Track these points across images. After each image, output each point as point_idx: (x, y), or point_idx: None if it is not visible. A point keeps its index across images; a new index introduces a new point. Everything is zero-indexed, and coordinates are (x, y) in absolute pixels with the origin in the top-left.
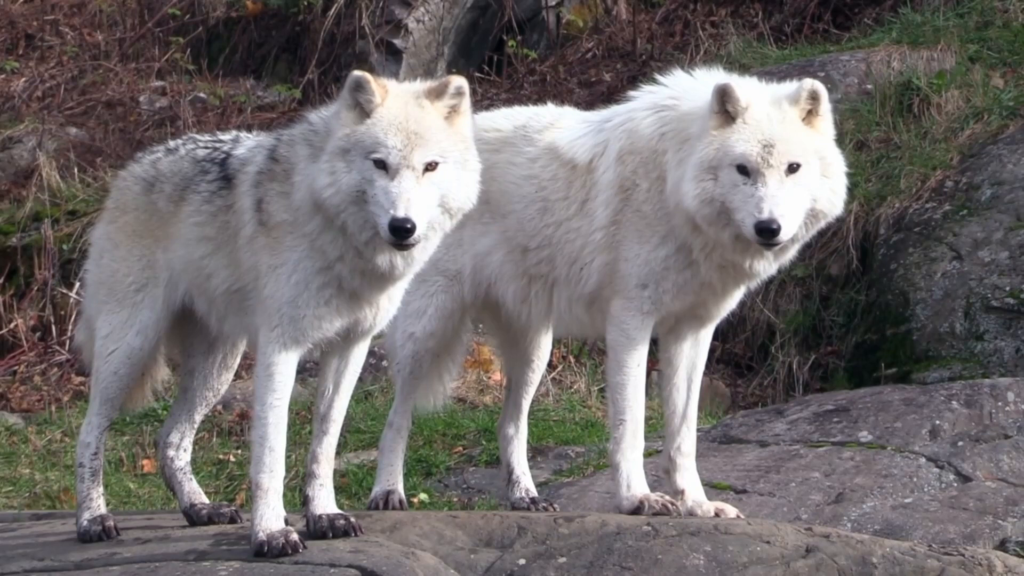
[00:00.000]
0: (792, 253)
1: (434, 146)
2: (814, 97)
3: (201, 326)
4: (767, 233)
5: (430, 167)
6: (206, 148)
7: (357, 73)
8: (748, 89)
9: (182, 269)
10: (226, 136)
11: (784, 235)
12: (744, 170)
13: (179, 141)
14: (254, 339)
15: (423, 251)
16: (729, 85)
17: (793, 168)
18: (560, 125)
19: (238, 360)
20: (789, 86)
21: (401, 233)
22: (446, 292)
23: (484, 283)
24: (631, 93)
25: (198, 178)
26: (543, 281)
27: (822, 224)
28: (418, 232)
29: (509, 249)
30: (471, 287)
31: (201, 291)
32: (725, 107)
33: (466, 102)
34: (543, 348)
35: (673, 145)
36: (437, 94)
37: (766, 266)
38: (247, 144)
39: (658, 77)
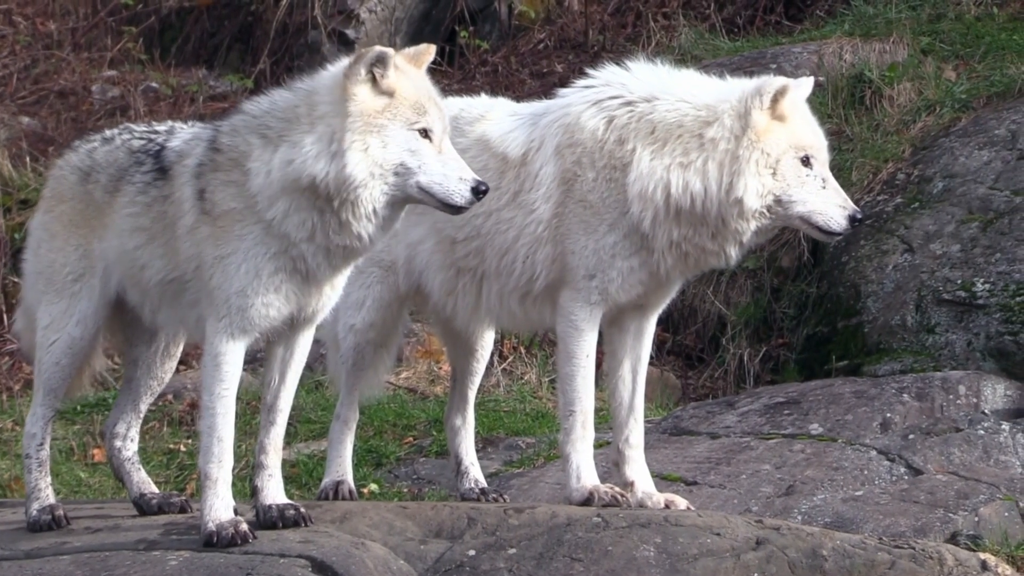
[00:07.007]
0: None
1: None
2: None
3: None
4: (855, 222)
5: None
6: (141, 139)
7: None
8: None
9: (115, 259)
10: (161, 127)
11: None
12: (807, 162)
13: (115, 131)
14: (189, 330)
15: None
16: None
17: None
18: (490, 117)
19: (181, 348)
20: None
21: None
22: (382, 283)
23: (416, 273)
24: (562, 90)
25: (133, 169)
26: (472, 274)
27: None
28: None
29: (438, 239)
30: (405, 277)
31: (134, 282)
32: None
33: None
34: (486, 338)
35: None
36: None
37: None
38: (182, 136)
39: (590, 71)
